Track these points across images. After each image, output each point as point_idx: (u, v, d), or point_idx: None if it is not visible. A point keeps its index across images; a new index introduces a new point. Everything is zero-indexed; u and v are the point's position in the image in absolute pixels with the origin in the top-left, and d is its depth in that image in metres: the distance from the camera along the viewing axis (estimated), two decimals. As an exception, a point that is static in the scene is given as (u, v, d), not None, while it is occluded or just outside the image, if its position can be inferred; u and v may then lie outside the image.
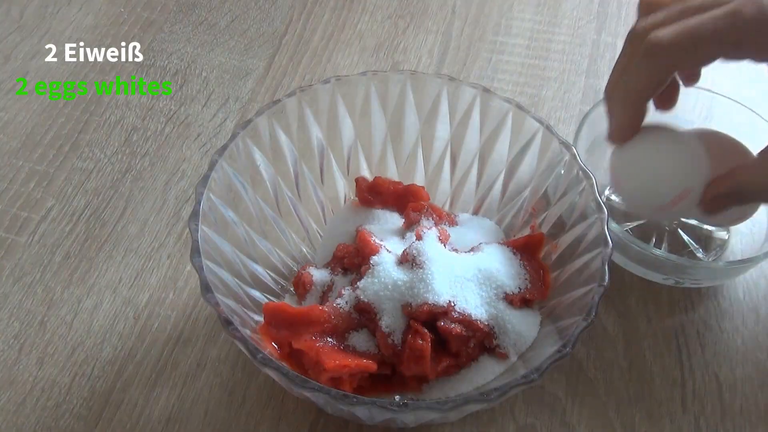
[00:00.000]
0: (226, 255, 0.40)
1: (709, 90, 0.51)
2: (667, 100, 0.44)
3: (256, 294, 0.42)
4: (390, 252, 0.42)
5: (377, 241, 0.43)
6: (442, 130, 0.47)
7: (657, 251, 0.44)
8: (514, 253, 0.42)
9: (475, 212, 0.48)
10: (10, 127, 0.55)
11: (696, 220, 0.48)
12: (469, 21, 0.64)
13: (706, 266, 0.45)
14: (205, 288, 0.36)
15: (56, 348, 0.44)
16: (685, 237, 0.49)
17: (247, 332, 0.36)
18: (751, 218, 0.46)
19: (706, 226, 0.49)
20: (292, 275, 0.45)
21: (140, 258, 0.48)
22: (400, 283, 0.39)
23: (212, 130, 0.56)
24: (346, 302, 0.40)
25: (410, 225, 0.45)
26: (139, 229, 0.50)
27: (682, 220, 0.50)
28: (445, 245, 0.42)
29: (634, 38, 0.40)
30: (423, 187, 0.47)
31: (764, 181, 0.39)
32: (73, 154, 0.54)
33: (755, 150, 0.41)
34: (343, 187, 0.48)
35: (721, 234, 0.49)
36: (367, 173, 0.48)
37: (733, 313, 0.47)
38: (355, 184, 0.47)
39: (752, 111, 0.50)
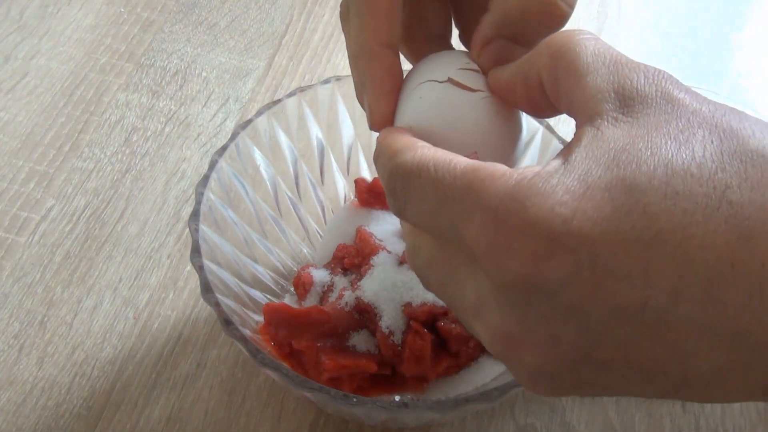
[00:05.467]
0: (226, 255, 0.40)
1: (708, 90, 0.51)
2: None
3: (256, 294, 0.42)
4: (390, 252, 0.42)
5: (377, 241, 0.43)
6: (442, 130, 0.47)
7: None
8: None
9: (475, 212, 0.48)
10: (10, 127, 0.55)
11: None
12: (469, 21, 0.64)
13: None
14: (205, 288, 0.36)
15: (56, 348, 0.44)
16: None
17: (247, 332, 0.36)
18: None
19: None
20: (292, 275, 0.45)
21: (140, 258, 0.48)
22: (400, 283, 0.39)
23: (212, 130, 0.56)
24: (346, 302, 0.40)
25: (410, 225, 0.45)
26: (139, 229, 0.50)
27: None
28: (445, 245, 0.42)
29: None
30: (423, 187, 0.47)
31: None
32: (73, 154, 0.54)
33: None
34: (343, 187, 0.48)
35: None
36: (367, 173, 0.48)
37: (733, 313, 0.47)
38: (354, 185, 0.47)
39: (754, 111, 0.50)
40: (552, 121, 0.57)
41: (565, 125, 0.57)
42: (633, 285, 0.22)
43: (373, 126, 0.32)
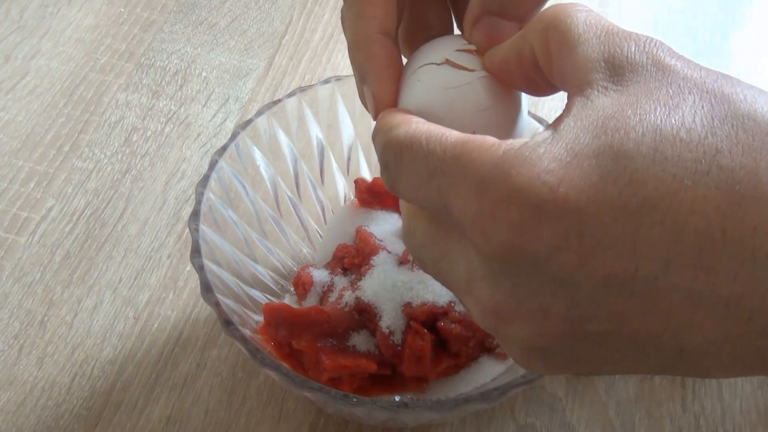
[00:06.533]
0: (226, 255, 0.40)
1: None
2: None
3: (256, 294, 0.42)
4: (390, 252, 0.42)
5: (377, 241, 0.43)
6: (442, 130, 0.47)
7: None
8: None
9: (475, 212, 0.48)
10: (10, 127, 0.55)
11: None
12: (469, 21, 0.64)
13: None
14: (205, 288, 0.36)
15: (56, 348, 0.44)
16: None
17: (247, 332, 0.36)
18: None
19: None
20: (292, 275, 0.45)
21: (140, 258, 0.48)
22: (400, 283, 0.39)
23: (212, 130, 0.56)
24: (346, 302, 0.40)
25: (410, 225, 0.45)
26: (139, 229, 0.50)
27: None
28: (445, 245, 0.42)
29: None
30: (423, 187, 0.47)
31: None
32: (73, 154, 0.54)
33: None
34: (343, 187, 0.48)
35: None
36: (367, 173, 0.48)
37: (733, 313, 0.47)
38: (354, 185, 0.47)
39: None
40: (552, 120, 0.57)
41: (565, 125, 0.57)
42: (621, 254, 0.22)
43: (377, 115, 0.31)
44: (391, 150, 0.27)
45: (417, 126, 0.27)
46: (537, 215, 0.22)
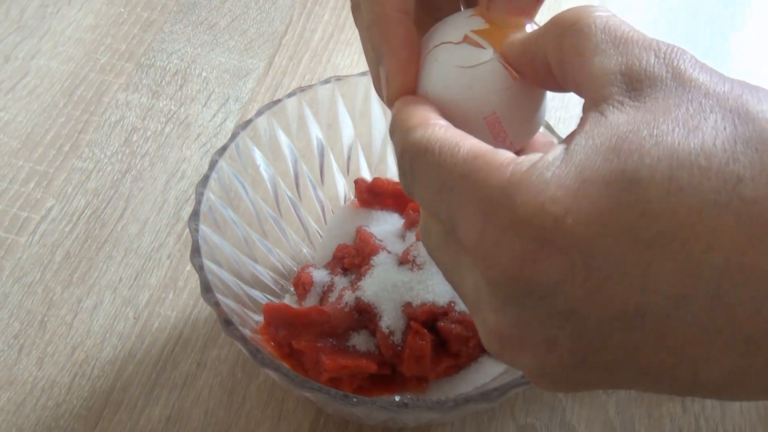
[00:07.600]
0: (226, 255, 0.40)
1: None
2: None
3: (256, 294, 0.42)
4: (390, 252, 0.42)
5: (377, 241, 0.43)
6: (442, 130, 0.47)
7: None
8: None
9: (475, 212, 0.48)
10: (10, 127, 0.55)
11: None
12: (469, 21, 0.64)
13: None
14: (205, 288, 0.36)
15: (56, 348, 0.44)
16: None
17: (247, 332, 0.36)
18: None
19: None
20: (292, 275, 0.45)
21: (140, 258, 0.48)
22: (400, 283, 0.39)
23: (212, 130, 0.56)
24: (346, 302, 0.40)
25: (410, 225, 0.45)
26: (139, 229, 0.50)
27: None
28: (445, 245, 0.42)
29: None
30: (423, 187, 0.47)
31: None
32: (73, 154, 0.54)
33: None
34: (343, 187, 0.48)
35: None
36: (366, 173, 0.48)
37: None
38: (354, 185, 0.47)
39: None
40: (553, 121, 0.57)
41: (564, 125, 0.57)
42: (631, 289, 0.21)
43: (390, 99, 0.29)
44: (407, 155, 0.26)
45: (433, 131, 0.26)
46: (541, 247, 0.21)
